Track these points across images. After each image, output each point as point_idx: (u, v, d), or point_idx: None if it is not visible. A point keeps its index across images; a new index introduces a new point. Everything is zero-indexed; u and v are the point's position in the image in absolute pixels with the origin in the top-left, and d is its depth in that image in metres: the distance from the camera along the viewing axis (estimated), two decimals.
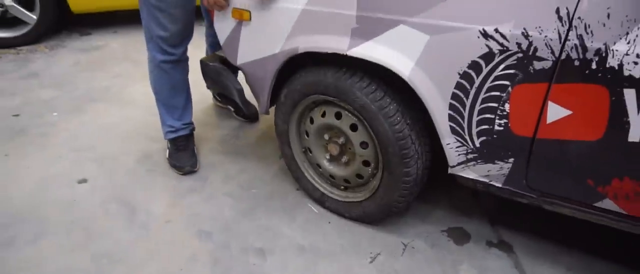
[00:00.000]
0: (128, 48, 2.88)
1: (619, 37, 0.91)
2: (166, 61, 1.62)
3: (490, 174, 1.21)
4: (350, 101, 1.29)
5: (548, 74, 1.00)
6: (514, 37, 1.00)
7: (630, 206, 1.06)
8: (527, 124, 1.08)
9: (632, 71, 0.91)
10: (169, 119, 1.75)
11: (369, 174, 1.41)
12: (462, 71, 1.09)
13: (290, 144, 1.57)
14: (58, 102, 2.24)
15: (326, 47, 1.26)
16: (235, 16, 1.42)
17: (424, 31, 1.10)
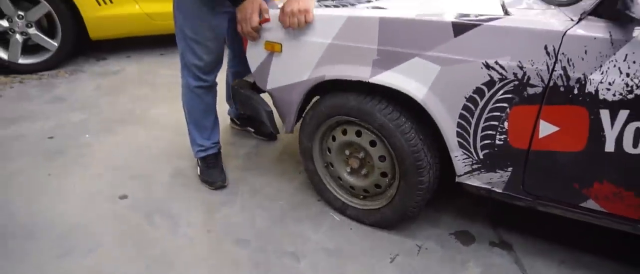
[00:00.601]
0: (144, 72, 3.06)
1: (594, 68, 1.14)
2: (199, 87, 1.82)
3: (492, 182, 1.43)
4: (370, 121, 1.50)
5: (539, 97, 1.23)
6: (511, 68, 1.23)
7: (610, 205, 1.29)
8: (523, 139, 1.30)
9: (605, 95, 1.14)
10: (200, 139, 1.94)
11: (386, 184, 1.62)
12: (468, 95, 1.31)
13: (314, 160, 1.77)
14: (88, 125, 2.41)
15: (350, 75, 1.47)
16: (268, 48, 1.62)
17: (436, 63, 1.32)
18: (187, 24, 1.69)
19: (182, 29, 1.71)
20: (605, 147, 1.20)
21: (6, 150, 2.18)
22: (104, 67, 3.14)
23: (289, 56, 1.59)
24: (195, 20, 1.68)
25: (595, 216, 1.34)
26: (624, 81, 1.12)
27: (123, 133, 2.33)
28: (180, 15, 1.70)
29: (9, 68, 3.00)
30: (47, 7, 2.89)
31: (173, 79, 2.92)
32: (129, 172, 2.01)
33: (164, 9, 3.11)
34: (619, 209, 1.28)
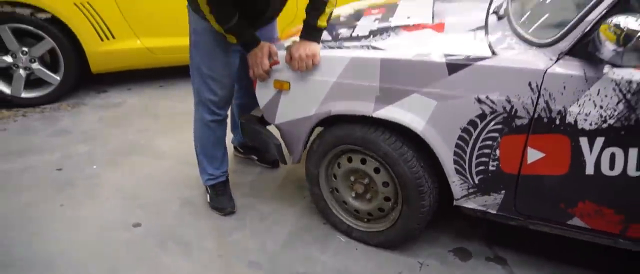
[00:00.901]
0: (145, 104, 3.16)
1: (572, 102, 1.31)
2: (213, 121, 1.94)
3: (487, 204, 1.58)
4: (375, 150, 1.64)
5: (526, 127, 1.39)
6: (500, 102, 1.39)
7: (593, 221, 1.44)
8: (513, 164, 1.45)
9: (583, 125, 1.31)
10: (210, 168, 2.05)
11: (389, 208, 1.75)
12: (463, 127, 1.46)
13: (320, 186, 1.89)
14: (94, 156, 2.49)
15: (355, 110, 1.62)
16: (276, 86, 1.76)
17: (433, 98, 1.48)
18: (204, 62, 1.82)
19: (198, 67, 1.84)
20: (585, 170, 1.36)
21: (16, 183, 2.24)
22: (106, 100, 3.23)
23: (297, 93, 1.73)
24: (212, 59, 1.81)
25: (581, 232, 1.49)
26: (598, 113, 1.29)
27: (130, 163, 2.42)
28: (198, 55, 1.83)
29: (12, 102, 3.06)
30: (51, 43, 2.98)
31: (174, 111, 3.04)
32: (139, 201, 2.10)
33: (165, 44, 3.24)
34: (601, 225, 1.44)
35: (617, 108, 1.27)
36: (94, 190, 2.19)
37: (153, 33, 3.20)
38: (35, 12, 2.90)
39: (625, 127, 1.27)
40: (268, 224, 1.95)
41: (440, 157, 1.54)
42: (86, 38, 3.04)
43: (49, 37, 2.97)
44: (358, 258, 1.76)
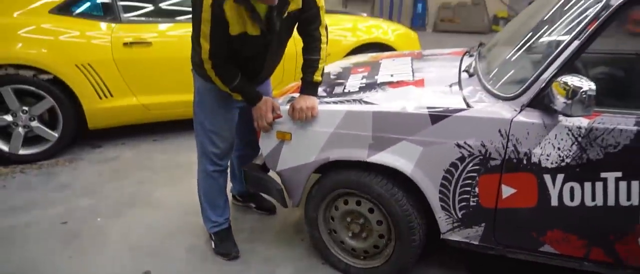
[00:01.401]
0: (141, 157, 3.30)
1: (535, 145, 1.57)
2: (216, 171, 2.11)
3: (469, 236, 1.79)
4: (369, 192, 1.85)
5: (499, 167, 1.63)
6: (476, 146, 1.63)
7: (561, 247, 1.67)
8: (490, 200, 1.68)
9: (545, 164, 1.56)
10: (213, 216, 2.20)
11: (384, 245, 1.93)
12: (446, 169, 1.70)
13: (319, 228, 2.07)
14: (97, 209, 2.59)
15: (351, 156, 1.84)
16: (279, 137, 1.97)
17: (419, 144, 1.71)
18: (208, 119, 2.02)
19: (202, 123, 2.04)
20: (551, 202, 1.60)
21: (22, 238, 2.32)
22: (101, 155, 3.35)
23: (298, 143, 1.94)
24: (215, 115, 2.02)
25: (551, 257, 1.71)
26: (557, 153, 1.55)
27: (133, 215, 2.53)
28: (202, 112, 2.03)
29: (9, 159, 3.15)
30: (52, 102, 3.13)
31: (171, 163, 3.18)
32: (147, 250, 2.21)
33: (160, 100, 3.43)
34: (568, 250, 1.66)
35: (572, 149, 1.53)
36: (101, 241, 2.29)
37: (148, 91, 3.39)
38: (37, 73, 3.07)
39: (579, 165, 1.53)
40: (272, 267, 2.09)
41: (427, 196, 1.76)
42: (85, 97, 3.20)
43: (49, 96, 3.12)
44: None
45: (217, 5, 1.64)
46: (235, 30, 1.72)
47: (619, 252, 1.61)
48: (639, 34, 2.33)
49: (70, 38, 3.14)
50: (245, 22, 1.72)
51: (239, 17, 1.69)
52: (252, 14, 1.68)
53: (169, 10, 3.55)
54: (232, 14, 1.67)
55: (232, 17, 1.68)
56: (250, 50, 1.83)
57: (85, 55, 3.15)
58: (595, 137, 1.51)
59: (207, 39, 1.71)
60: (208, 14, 1.65)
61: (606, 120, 1.51)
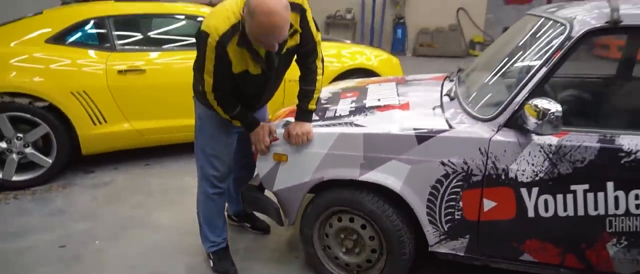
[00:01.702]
0: (134, 182, 3.36)
1: (512, 161, 1.73)
2: (215, 193, 2.21)
3: (455, 247, 1.92)
4: (361, 209, 1.97)
5: (480, 183, 1.78)
6: (459, 164, 1.79)
7: (539, 255, 1.81)
8: (474, 213, 1.83)
9: (521, 179, 1.72)
10: (212, 236, 2.29)
11: (376, 259, 2.05)
12: (432, 185, 1.84)
13: (314, 245, 2.18)
14: (95, 232, 2.65)
15: (344, 176, 1.97)
16: (276, 158, 2.09)
17: (407, 163, 1.86)
18: (208, 144, 2.13)
19: (203, 148, 2.15)
20: (528, 214, 1.75)
21: (22, 263, 2.36)
22: (95, 179, 3.40)
23: (293, 164, 2.07)
24: (215, 141, 2.13)
25: (531, 265, 1.86)
26: (531, 168, 1.71)
27: (131, 237, 2.60)
28: (203, 138, 2.15)
29: (2, 185, 3.18)
30: (47, 128, 3.19)
31: (165, 187, 3.26)
32: (148, 270, 2.28)
33: (153, 125, 3.52)
34: (545, 258, 1.81)
35: (544, 165, 1.70)
36: (102, 263, 2.34)
37: (142, 116, 3.48)
38: (33, 101, 3.14)
39: (552, 179, 1.70)
40: None
41: (415, 211, 1.90)
42: (80, 123, 3.28)
43: (44, 123, 3.18)
44: None
45: (220, 47, 1.76)
46: (238, 69, 1.86)
47: (589, 258, 1.76)
48: (601, 58, 2.56)
49: (66, 66, 3.24)
50: (248, 62, 1.86)
51: (242, 57, 1.83)
52: (254, 56, 1.83)
53: (161, 39, 3.68)
54: (235, 55, 1.81)
55: (234, 57, 1.82)
56: (251, 86, 1.98)
57: (80, 83, 3.24)
58: (564, 153, 1.68)
59: (210, 75, 1.84)
60: (212, 54, 1.78)
61: (573, 138, 1.69)
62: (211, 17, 1.79)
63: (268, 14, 1.61)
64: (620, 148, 1.63)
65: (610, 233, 1.69)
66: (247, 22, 1.69)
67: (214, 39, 1.74)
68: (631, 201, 1.64)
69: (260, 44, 1.75)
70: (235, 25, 1.76)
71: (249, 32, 1.73)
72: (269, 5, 1.61)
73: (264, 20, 1.62)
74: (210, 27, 1.75)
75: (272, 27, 1.64)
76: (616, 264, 1.74)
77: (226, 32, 1.74)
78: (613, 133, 1.67)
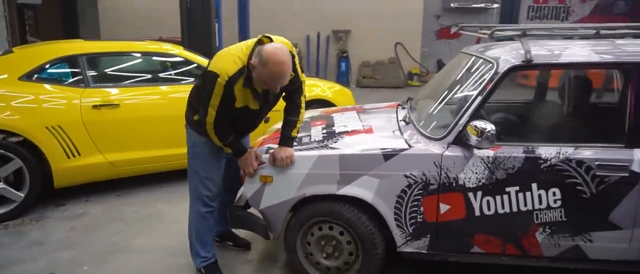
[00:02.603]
0: (108, 212, 3.46)
1: (460, 171, 2.16)
2: (207, 211, 2.46)
3: (419, 246, 2.30)
4: (339, 218, 2.31)
5: (436, 190, 2.19)
6: (419, 176, 2.19)
7: (485, 247, 2.24)
8: (432, 216, 2.23)
9: (468, 185, 2.15)
10: (203, 252, 2.51)
11: (353, 261, 2.38)
12: (398, 194, 2.23)
13: (297, 253, 2.47)
14: (81, 259, 2.75)
15: (323, 191, 2.31)
16: (262, 180, 2.39)
17: (376, 177, 2.24)
18: (202, 167, 2.40)
19: (197, 171, 2.40)
20: (475, 213, 2.18)
21: None
22: (67, 212, 3.46)
23: (278, 184, 2.37)
24: (208, 165, 2.40)
25: (479, 256, 2.27)
26: (475, 176, 2.15)
27: (118, 260, 2.74)
28: (196, 162, 2.40)
29: None
30: (20, 163, 3.25)
31: (140, 215, 3.40)
32: None
33: (126, 157, 3.67)
34: (490, 249, 2.24)
35: (485, 173, 2.15)
36: None
37: (115, 149, 3.62)
38: (7, 136, 3.20)
39: (491, 183, 2.14)
40: None
41: (385, 217, 2.27)
42: (54, 157, 3.37)
43: (17, 158, 3.24)
44: None
45: (229, 86, 2.10)
46: (240, 104, 2.20)
47: (524, 245, 2.21)
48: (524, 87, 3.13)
49: (41, 102, 3.35)
50: (249, 99, 2.21)
51: (245, 95, 2.18)
52: (255, 94, 2.19)
53: (130, 75, 3.88)
54: (240, 93, 2.16)
55: (239, 95, 2.16)
56: (247, 119, 2.32)
57: (55, 118, 3.36)
58: (499, 163, 2.14)
59: (214, 109, 2.15)
60: (220, 91, 2.11)
61: (505, 150, 2.16)
62: (219, 60, 2.14)
63: (279, 64, 2.01)
64: (539, 157, 2.12)
65: (538, 223, 2.16)
66: (258, 69, 2.06)
67: (224, 79, 2.07)
68: (550, 197, 2.12)
69: (266, 87, 2.12)
70: (241, 68, 2.11)
71: (258, 77, 2.09)
72: (281, 57, 2.02)
73: (276, 70, 2.02)
74: (219, 69, 2.09)
75: (281, 74, 2.04)
76: (544, 249, 2.20)
77: (234, 74, 2.08)
78: (534, 145, 2.17)
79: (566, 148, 2.14)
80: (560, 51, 2.27)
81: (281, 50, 2.06)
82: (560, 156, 2.11)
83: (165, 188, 3.93)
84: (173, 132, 3.76)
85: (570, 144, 2.16)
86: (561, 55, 2.25)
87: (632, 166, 2.07)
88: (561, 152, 2.12)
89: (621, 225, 2.11)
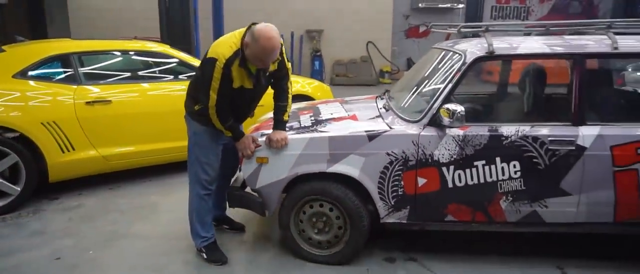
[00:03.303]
0: (103, 203, 3.60)
1: (435, 149, 2.47)
2: (206, 194, 2.68)
3: (400, 217, 2.60)
4: (329, 195, 2.58)
5: (415, 165, 2.49)
6: (399, 153, 2.49)
7: (457, 215, 2.56)
8: (412, 188, 2.53)
9: (442, 160, 2.46)
10: (203, 232, 2.72)
11: (342, 234, 2.66)
12: (381, 171, 2.52)
13: (291, 230, 2.72)
14: (84, 245, 2.91)
15: (314, 170, 2.57)
16: (258, 161, 2.63)
17: (362, 156, 2.52)
18: (202, 153, 2.61)
19: (197, 158, 2.62)
20: (448, 185, 2.49)
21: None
22: (62, 205, 3.59)
23: (273, 164, 2.62)
24: (208, 150, 2.62)
25: (452, 224, 2.59)
26: (448, 152, 2.46)
27: (121, 246, 2.91)
28: (197, 149, 2.62)
29: None
30: (16, 158, 3.36)
31: (135, 205, 3.56)
32: (147, 268, 2.63)
33: (118, 151, 3.82)
34: (462, 217, 2.56)
35: (456, 149, 2.46)
36: (102, 267, 2.65)
37: (108, 143, 3.77)
38: (3, 132, 3.31)
39: (462, 159, 2.46)
40: (255, 267, 2.67)
41: (370, 191, 2.55)
42: (49, 151, 3.49)
43: (14, 152, 3.36)
44: (326, 272, 2.59)
45: (226, 67, 2.35)
46: (237, 84, 2.43)
47: (490, 213, 2.54)
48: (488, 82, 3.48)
49: (37, 99, 3.47)
50: (244, 78, 2.44)
51: (240, 75, 2.42)
52: (249, 73, 2.41)
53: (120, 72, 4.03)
54: (236, 73, 2.40)
55: (236, 75, 2.40)
56: (244, 99, 2.56)
57: (51, 114, 3.49)
58: (468, 140, 2.46)
59: (216, 92, 2.38)
60: (219, 74, 2.35)
61: (473, 129, 2.48)
62: (216, 47, 2.39)
63: (270, 38, 2.29)
64: (502, 134, 2.46)
65: (501, 192, 2.49)
66: (251, 46, 2.32)
67: (222, 62, 2.33)
68: (511, 169, 2.46)
69: (258, 63, 2.38)
70: (236, 51, 2.37)
71: (251, 54, 2.35)
72: (270, 32, 2.30)
73: (267, 44, 2.29)
74: (217, 54, 2.35)
75: (272, 48, 2.32)
76: (507, 215, 2.54)
77: (230, 56, 2.35)
78: (497, 125, 2.50)
79: (524, 127, 2.48)
80: (518, 44, 2.62)
81: (270, 27, 2.34)
82: (519, 133, 2.45)
83: (155, 181, 4.10)
84: (163, 127, 3.98)
85: (527, 123, 2.51)
86: (518, 47, 2.60)
87: (578, 140, 2.43)
88: (520, 130, 2.46)
89: (570, 191, 2.47)
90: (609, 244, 2.92)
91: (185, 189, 2.79)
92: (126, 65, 4.16)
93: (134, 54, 4.21)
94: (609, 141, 2.41)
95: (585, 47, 2.56)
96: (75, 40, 3.99)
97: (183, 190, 3.76)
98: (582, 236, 2.90)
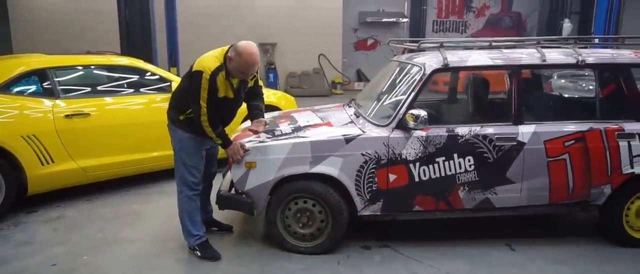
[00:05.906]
0: (85, 213, 3.68)
1: (403, 148, 2.88)
2: (194, 194, 2.92)
3: (374, 209, 2.97)
4: (312, 192, 2.91)
5: (386, 164, 2.88)
6: (372, 153, 2.87)
7: (423, 205, 2.97)
8: (384, 184, 2.91)
9: (410, 158, 2.87)
10: (194, 230, 2.95)
11: (324, 227, 2.99)
12: (357, 169, 2.88)
13: (277, 225, 3.01)
14: (77, 251, 3.03)
15: (298, 171, 2.89)
16: (247, 165, 2.91)
17: (340, 157, 2.87)
18: (188, 158, 2.87)
19: (184, 162, 2.87)
20: (415, 180, 2.90)
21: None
22: (43, 216, 3.63)
23: (261, 168, 2.91)
24: (193, 155, 2.88)
25: (419, 213, 3.00)
26: (414, 151, 2.88)
27: (114, 250, 3.06)
28: (183, 154, 2.87)
29: None
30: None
31: (117, 214, 3.68)
32: (143, 268, 2.81)
33: (96, 163, 3.93)
34: (427, 206, 2.98)
35: (420, 148, 2.88)
36: (99, 269, 2.80)
37: (86, 155, 3.87)
38: None
39: (425, 156, 2.88)
40: (246, 260, 2.93)
41: (348, 188, 2.91)
42: (29, 164, 3.55)
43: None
44: (311, 261, 2.91)
45: (212, 79, 2.65)
46: (221, 94, 2.73)
47: (450, 201, 2.98)
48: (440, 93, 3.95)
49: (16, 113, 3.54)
50: (227, 89, 2.75)
51: (224, 86, 2.73)
52: (231, 86, 2.77)
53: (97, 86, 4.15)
54: (221, 84, 2.71)
55: (220, 86, 2.71)
56: (227, 107, 2.86)
57: (30, 128, 3.56)
58: (431, 140, 2.89)
59: (205, 101, 2.65)
60: (206, 85, 2.65)
61: (434, 131, 2.91)
62: (202, 61, 2.71)
63: (251, 54, 2.68)
64: (458, 134, 2.91)
65: (459, 183, 2.93)
66: (235, 60, 2.67)
67: (208, 74, 2.65)
68: (466, 164, 2.91)
69: (239, 75, 2.74)
70: (220, 66, 2.70)
71: (234, 67, 2.69)
72: (251, 49, 2.69)
73: (249, 59, 2.67)
74: (203, 67, 2.67)
75: (253, 62, 2.70)
76: (465, 203, 2.99)
77: (215, 69, 2.68)
78: (453, 126, 2.95)
79: (475, 127, 2.95)
80: (467, 57, 3.10)
81: (251, 44, 2.71)
82: (471, 132, 2.92)
83: (133, 191, 4.22)
84: (139, 138, 4.14)
85: (477, 124, 2.98)
86: (467, 60, 3.08)
87: (518, 137, 2.93)
88: (472, 130, 2.93)
89: (514, 180, 2.96)
90: (545, 225, 3.46)
91: (164, 197, 3.03)
92: (102, 80, 4.27)
93: (109, 68, 4.33)
94: (542, 137, 2.93)
95: (520, 60, 3.09)
96: (47, 56, 4.06)
97: (162, 198, 3.99)
98: (524, 218, 3.42)
